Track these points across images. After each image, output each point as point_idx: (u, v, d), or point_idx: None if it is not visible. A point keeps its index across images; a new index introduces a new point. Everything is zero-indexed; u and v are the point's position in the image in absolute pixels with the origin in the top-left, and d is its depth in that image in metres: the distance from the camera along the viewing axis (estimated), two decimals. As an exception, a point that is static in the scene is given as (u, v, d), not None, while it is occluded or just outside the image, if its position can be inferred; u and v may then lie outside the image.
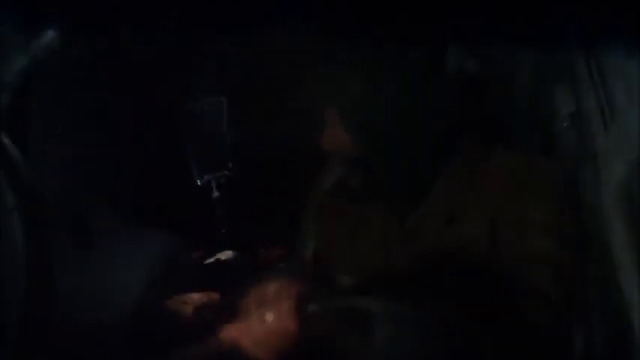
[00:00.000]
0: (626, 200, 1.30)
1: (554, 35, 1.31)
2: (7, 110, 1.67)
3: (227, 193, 2.14)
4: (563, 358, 1.36)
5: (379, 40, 1.34)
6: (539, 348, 1.27)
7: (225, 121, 2.09)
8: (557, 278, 1.30)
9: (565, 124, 1.45)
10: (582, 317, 1.40)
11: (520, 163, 1.40)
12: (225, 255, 2.23)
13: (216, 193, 2.11)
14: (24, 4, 1.24)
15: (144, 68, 2.10)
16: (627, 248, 1.30)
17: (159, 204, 2.32)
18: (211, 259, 2.24)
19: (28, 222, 1.18)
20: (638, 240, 1.28)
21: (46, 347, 1.19)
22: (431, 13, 1.25)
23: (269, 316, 1.16)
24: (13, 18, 1.26)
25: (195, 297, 1.99)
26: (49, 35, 1.43)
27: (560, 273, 1.31)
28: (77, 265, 1.95)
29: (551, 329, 1.30)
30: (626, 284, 1.29)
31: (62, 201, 1.98)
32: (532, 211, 1.34)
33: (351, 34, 1.35)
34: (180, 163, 2.11)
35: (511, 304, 1.25)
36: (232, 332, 1.19)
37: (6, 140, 1.23)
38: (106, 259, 2.02)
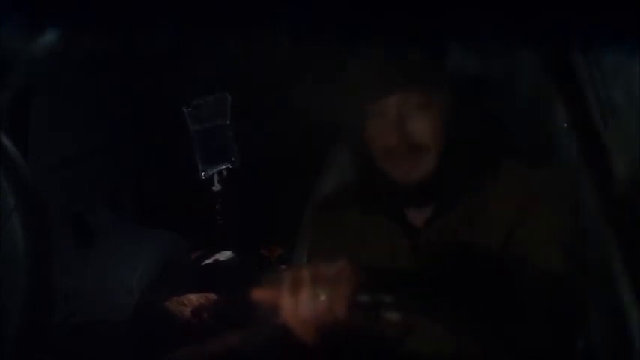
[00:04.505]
0: (626, 200, 1.30)
1: (554, 35, 1.31)
2: (7, 110, 1.67)
3: (229, 187, 2.14)
4: (564, 358, 1.36)
5: (377, 39, 1.34)
6: (539, 348, 1.27)
7: (229, 115, 2.10)
8: (559, 281, 1.30)
9: (565, 124, 1.45)
10: (582, 317, 1.40)
11: (529, 176, 1.40)
12: (224, 255, 2.24)
13: (217, 187, 2.11)
14: (24, 4, 1.24)
15: (144, 68, 2.10)
16: (627, 249, 1.30)
17: (158, 204, 2.32)
18: (210, 260, 2.24)
19: (28, 222, 1.17)
20: (637, 240, 1.28)
21: (46, 347, 1.19)
22: (429, 13, 1.25)
23: (323, 295, 1.12)
24: (13, 18, 1.26)
25: (194, 298, 1.99)
26: (50, 35, 1.43)
27: (563, 277, 1.31)
28: (77, 265, 1.95)
29: (553, 329, 1.30)
30: (625, 285, 1.30)
31: (62, 201, 1.98)
32: (542, 224, 1.33)
33: (348, 31, 1.34)
34: (181, 162, 2.11)
35: (514, 304, 1.25)
36: (275, 299, 1.15)
37: (6, 140, 1.23)
38: (106, 259, 2.02)
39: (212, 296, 2.02)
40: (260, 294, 1.15)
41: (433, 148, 1.37)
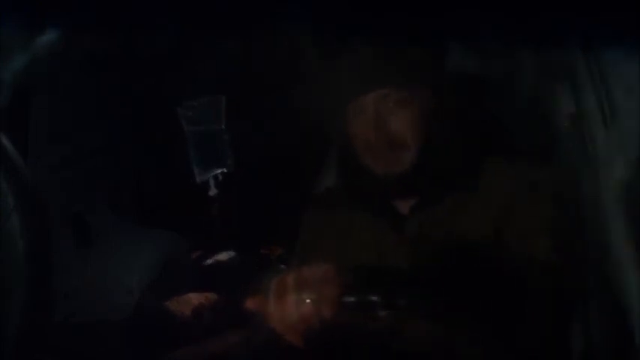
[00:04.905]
0: (626, 200, 1.30)
1: (554, 35, 1.31)
2: (7, 110, 1.67)
3: (226, 191, 2.14)
4: (563, 357, 1.36)
5: (378, 38, 1.34)
6: (538, 347, 1.27)
7: (224, 119, 2.10)
8: (557, 279, 1.30)
9: (565, 124, 1.45)
10: (581, 316, 1.40)
11: (520, 173, 1.40)
12: (224, 255, 2.24)
13: (214, 191, 2.11)
14: (25, 4, 1.24)
15: (144, 68, 2.10)
16: (627, 248, 1.30)
17: (158, 204, 2.32)
18: (210, 260, 2.24)
19: (28, 222, 1.17)
20: (638, 240, 1.28)
21: (46, 347, 1.19)
22: (430, 13, 1.26)
23: (308, 299, 1.12)
24: (13, 18, 1.26)
25: (194, 298, 1.99)
26: (49, 35, 1.43)
27: (561, 275, 1.31)
28: (77, 265, 1.95)
29: (551, 328, 1.30)
30: (626, 284, 1.29)
31: (62, 201, 1.98)
32: (534, 220, 1.34)
33: (348, 31, 1.35)
34: (180, 162, 2.11)
35: (511, 301, 1.25)
36: (261, 307, 1.15)
37: (6, 140, 1.23)
38: (106, 259, 2.02)
39: (212, 296, 2.02)
40: (250, 303, 1.16)
41: (412, 145, 1.38)
